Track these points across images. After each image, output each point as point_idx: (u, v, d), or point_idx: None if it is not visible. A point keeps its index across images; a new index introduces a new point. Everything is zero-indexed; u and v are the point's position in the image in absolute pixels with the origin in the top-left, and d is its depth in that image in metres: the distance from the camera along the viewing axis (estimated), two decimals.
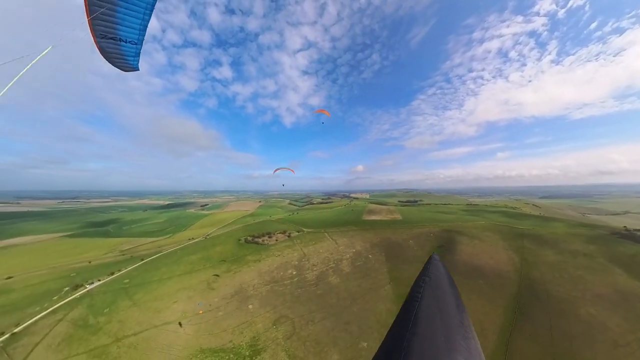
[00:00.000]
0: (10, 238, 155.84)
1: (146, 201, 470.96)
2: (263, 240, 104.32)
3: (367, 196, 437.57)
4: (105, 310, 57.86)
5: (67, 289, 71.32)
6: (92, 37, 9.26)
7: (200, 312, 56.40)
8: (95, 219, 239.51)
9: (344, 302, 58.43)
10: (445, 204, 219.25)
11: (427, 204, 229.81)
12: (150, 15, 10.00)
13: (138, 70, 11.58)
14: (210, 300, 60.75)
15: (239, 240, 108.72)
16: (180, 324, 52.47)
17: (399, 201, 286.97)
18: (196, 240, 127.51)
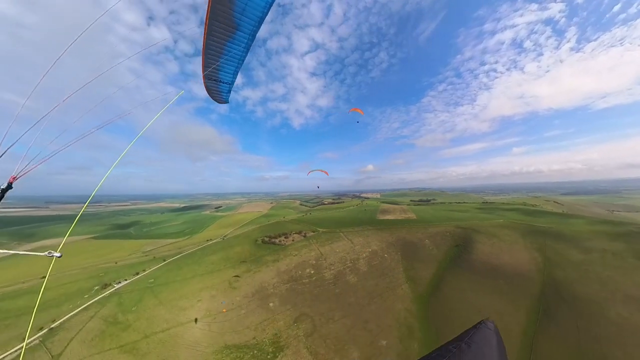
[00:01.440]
0: (43, 240, 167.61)
1: (163, 204, 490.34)
2: (280, 241, 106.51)
3: (378, 196, 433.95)
4: (133, 308, 60.11)
5: (97, 287, 75.14)
6: (202, 80, 14.20)
7: (224, 310, 58.69)
8: (118, 221, 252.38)
9: (362, 300, 59.21)
10: (459, 202, 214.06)
11: (440, 203, 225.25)
12: (241, 65, 13.95)
13: (227, 102, 16.16)
14: (233, 299, 62.99)
15: (256, 241, 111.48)
16: (197, 321, 54.95)
17: (411, 200, 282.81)
18: (214, 241, 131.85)
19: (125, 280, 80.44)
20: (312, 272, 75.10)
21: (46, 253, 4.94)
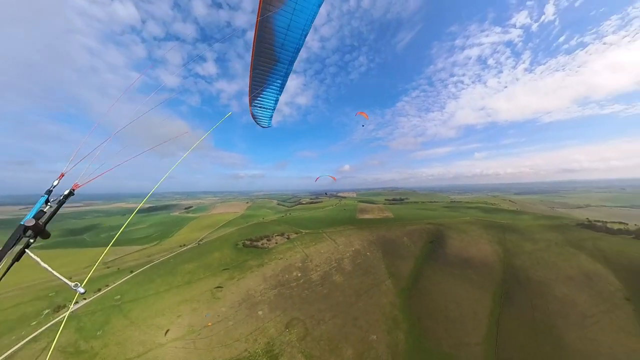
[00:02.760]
0: None
1: (124, 204, 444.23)
2: (262, 244, 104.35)
3: (355, 195, 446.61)
4: (98, 333, 51.87)
5: (47, 311, 63.36)
6: (249, 108, 16.29)
7: (209, 324, 54.80)
8: (68, 226, 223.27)
9: (349, 299, 61.83)
10: (431, 202, 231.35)
11: (414, 202, 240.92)
12: (282, 92, 15.57)
13: (270, 126, 17.98)
14: (218, 311, 59.07)
15: (236, 244, 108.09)
16: (178, 339, 51.89)
17: (386, 199, 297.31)
18: (189, 246, 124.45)
19: (84, 299, 68.75)
20: (299, 274, 75.84)
21: (72, 284, 4.43)
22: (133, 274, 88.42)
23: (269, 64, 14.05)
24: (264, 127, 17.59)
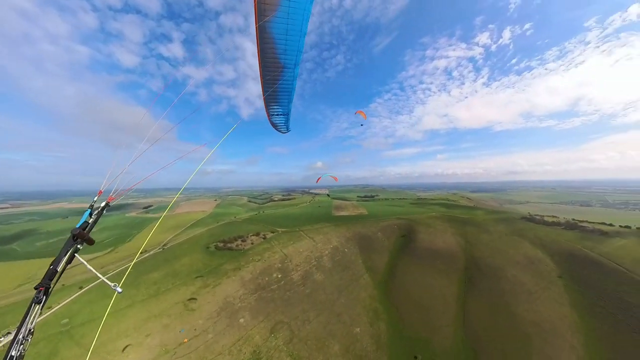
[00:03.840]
0: None
1: (65, 204, 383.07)
2: (237, 245, 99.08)
3: (327, 192, 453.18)
4: None
5: None
6: (268, 118, 17.17)
7: (185, 340, 49.82)
8: None
9: (332, 296, 63.11)
10: (399, 199, 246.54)
11: (384, 199, 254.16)
12: (294, 93, 15.94)
13: (289, 131, 18.74)
14: (194, 324, 53.82)
15: (208, 247, 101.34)
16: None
17: (358, 196, 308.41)
18: (152, 252, 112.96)
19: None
20: (279, 276, 74.35)
21: (112, 285, 5.04)
22: (83, 290, 74.87)
23: (276, 71, 14.37)
24: (284, 132, 18.56)
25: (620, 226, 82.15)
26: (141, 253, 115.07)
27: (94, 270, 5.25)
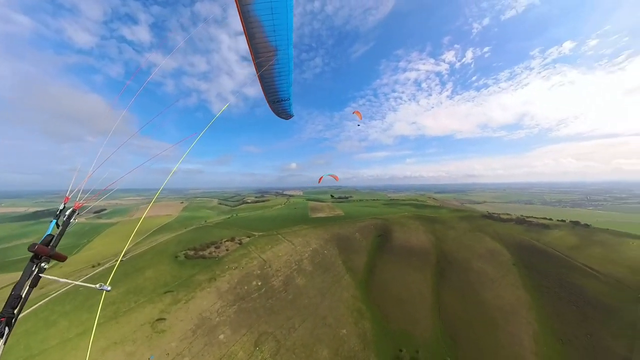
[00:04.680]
0: None
1: None
2: (210, 253, 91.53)
3: (301, 193, 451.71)
4: None
5: None
6: (269, 106, 16.33)
7: None
8: None
9: (315, 299, 62.29)
10: (373, 200, 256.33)
11: (358, 200, 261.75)
12: (291, 76, 15.15)
13: (293, 115, 17.60)
14: (166, 348, 46.96)
15: (176, 256, 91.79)
16: None
17: (332, 197, 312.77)
18: (106, 265, 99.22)
19: None
20: (259, 283, 70.86)
21: (97, 286, 4.77)
22: (24, 313, 63.56)
23: (268, 54, 13.57)
24: (287, 118, 17.67)
25: (557, 220, 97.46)
26: (93, 267, 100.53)
27: (69, 281, 4.94)
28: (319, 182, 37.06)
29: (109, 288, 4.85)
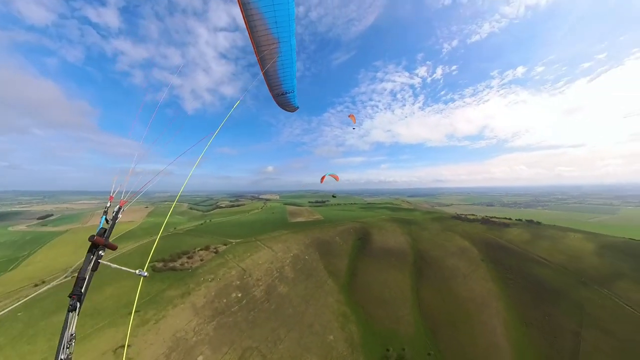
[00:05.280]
0: None
1: None
2: (182, 264, 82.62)
3: (278, 197, 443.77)
4: None
5: None
6: (272, 97, 16.15)
7: None
8: None
9: (300, 307, 60.32)
10: (351, 204, 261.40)
11: (336, 204, 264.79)
12: (295, 67, 15.01)
13: (298, 108, 17.53)
14: None
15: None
16: None
17: (309, 202, 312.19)
18: (53, 283, 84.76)
19: None
20: (239, 295, 65.77)
21: (136, 271, 5.31)
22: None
23: (271, 47, 13.45)
24: (292, 110, 17.57)
25: (515, 219, 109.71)
26: (36, 285, 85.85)
27: (117, 267, 5.47)
28: (321, 182, 36.18)
29: (146, 274, 5.34)
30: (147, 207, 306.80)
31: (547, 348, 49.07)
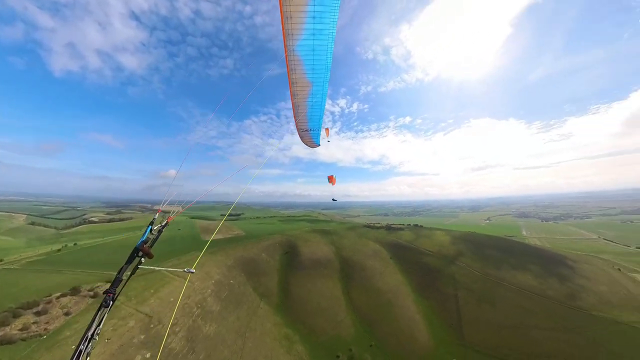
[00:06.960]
0: None
1: None
2: (25, 328, 47.99)
3: (181, 209, 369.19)
4: None
5: None
6: (299, 135, 17.91)
7: None
8: None
9: (235, 345, 51.51)
10: (269, 217, 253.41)
11: (254, 217, 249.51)
12: (323, 112, 16.73)
13: (319, 145, 19.17)
14: None
15: None
16: None
17: (221, 214, 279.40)
18: None
19: None
20: (148, 356, 46.74)
21: (184, 269, 5.97)
22: None
23: (304, 89, 15.01)
24: (313, 147, 18.95)
25: (406, 225, 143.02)
26: None
27: (162, 269, 8.58)
28: (333, 183, 31.59)
29: (193, 270, 6.02)
30: None
31: (442, 310, 68.74)
